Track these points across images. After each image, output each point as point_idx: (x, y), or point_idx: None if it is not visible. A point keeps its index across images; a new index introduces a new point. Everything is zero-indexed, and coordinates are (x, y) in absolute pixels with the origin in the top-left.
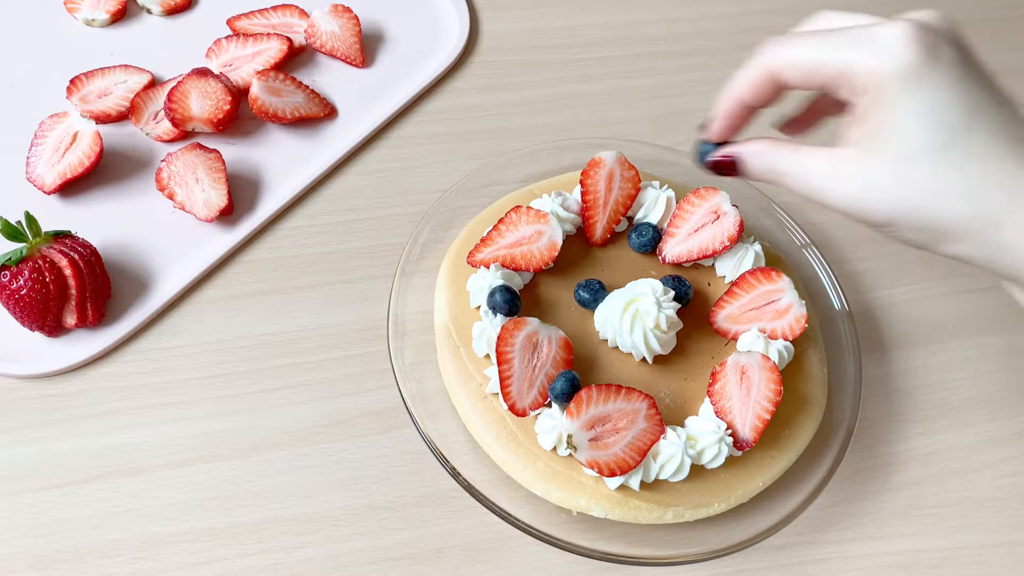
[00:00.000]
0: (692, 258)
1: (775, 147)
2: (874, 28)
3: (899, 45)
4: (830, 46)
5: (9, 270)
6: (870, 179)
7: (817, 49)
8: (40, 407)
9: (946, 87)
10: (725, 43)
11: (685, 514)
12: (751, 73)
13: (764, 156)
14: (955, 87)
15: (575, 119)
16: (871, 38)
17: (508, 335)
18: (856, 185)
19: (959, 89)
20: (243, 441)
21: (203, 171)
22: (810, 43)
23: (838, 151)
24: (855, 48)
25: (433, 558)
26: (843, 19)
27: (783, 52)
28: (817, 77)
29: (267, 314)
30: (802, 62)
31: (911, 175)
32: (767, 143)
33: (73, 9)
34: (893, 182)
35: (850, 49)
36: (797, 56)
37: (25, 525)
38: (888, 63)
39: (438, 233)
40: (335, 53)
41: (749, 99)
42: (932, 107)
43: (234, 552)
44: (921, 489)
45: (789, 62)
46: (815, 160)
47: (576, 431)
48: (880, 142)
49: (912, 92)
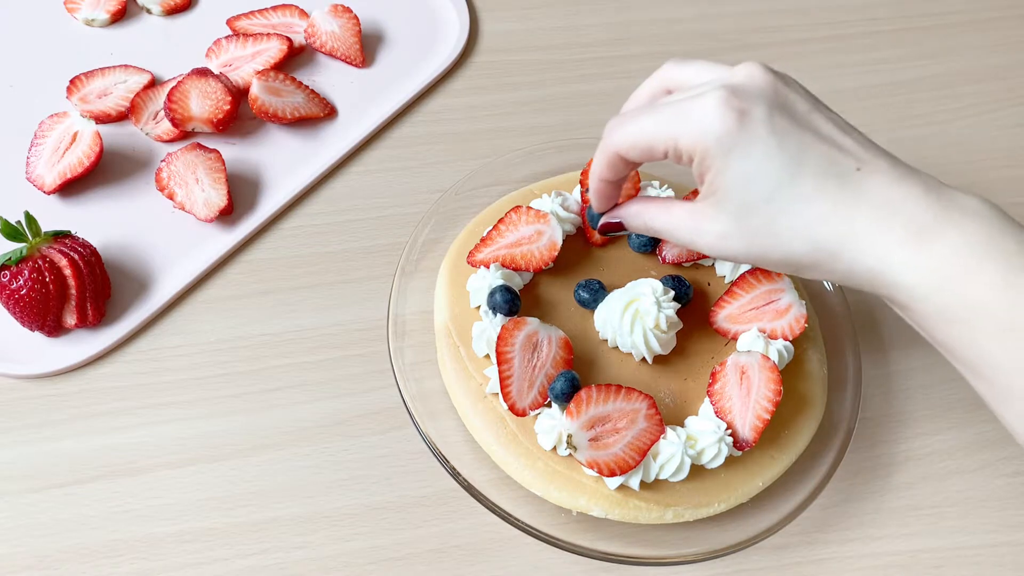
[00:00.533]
0: (692, 258)
1: (647, 207)
2: (690, 102)
3: (711, 116)
4: (657, 124)
5: (9, 270)
6: (722, 232)
7: (647, 130)
8: (40, 407)
9: (760, 145)
10: (725, 43)
11: (685, 514)
12: (602, 156)
13: (640, 216)
14: (769, 144)
15: (575, 119)
16: (688, 113)
17: (508, 335)
18: (713, 238)
19: (773, 145)
20: (243, 441)
21: (203, 171)
22: (641, 124)
23: (695, 207)
24: (677, 125)
25: (433, 558)
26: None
27: (620, 135)
28: (654, 154)
29: (267, 314)
30: (637, 143)
31: (751, 226)
32: (640, 204)
33: (73, 9)
34: (739, 233)
35: (673, 126)
36: (631, 138)
37: (25, 525)
38: (706, 135)
39: (438, 233)
40: (335, 53)
41: (609, 176)
42: (752, 165)
43: (234, 552)
44: (921, 489)
45: (627, 143)
46: (679, 216)
47: (576, 431)
48: (719, 199)
49: (732, 155)
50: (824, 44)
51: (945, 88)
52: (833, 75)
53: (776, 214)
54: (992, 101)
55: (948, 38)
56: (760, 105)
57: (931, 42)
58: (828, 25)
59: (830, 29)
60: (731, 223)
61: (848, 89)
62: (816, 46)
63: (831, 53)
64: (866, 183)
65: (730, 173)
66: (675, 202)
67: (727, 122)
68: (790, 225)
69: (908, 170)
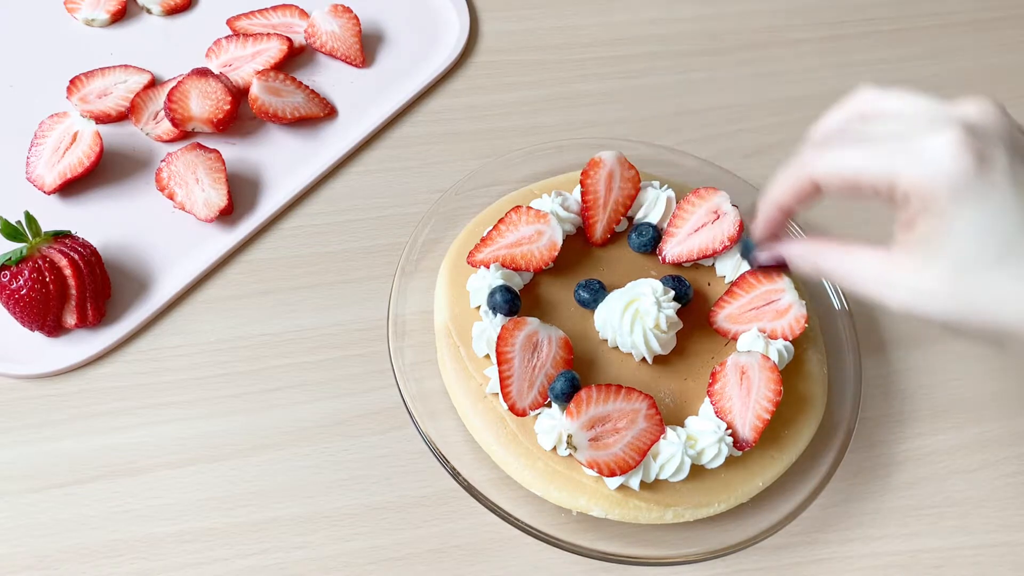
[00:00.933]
0: (692, 258)
1: (821, 249)
2: (919, 137)
3: (947, 157)
4: (875, 157)
5: (9, 270)
6: (926, 288)
7: (860, 161)
8: (40, 407)
9: (999, 197)
10: (725, 43)
11: (685, 514)
12: (792, 181)
13: (810, 259)
14: (1009, 196)
15: (575, 119)
16: (916, 149)
17: (508, 335)
18: (911, 294)
19: (1011, 198)
20: (243, 441)
21: (203, 171)
22: (853, 154)
23: (890, 256)
24: (900, 160)
25: (433, 558)
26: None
27: (825, 163)
28: (860, 189)
29: (267, 314)
30: (843, 173)
31: (968, 286)
32: (813, 243)
33: (73, 9)
34: (950, 291)
35: (895, 161)
36: (838, 167)
37: (25, 525)
38: (936, 176)
39: (438, 233)
40: (335, 53)
41: (791, 205)
42: (985, 219)
43: (234, 552)
44: (921, 489)
45: (831, 172)
46: (866, 264)
47: (576, 431)
48: (933, 251)
49: (964, 204)
50: (824, 44)
51: (945, 88)
52: (833, 75)
53: (1001, 279)
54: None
55: (948, 38)
56: (1001, 150)
57: (931, 42)
58: (828, 25)
59: (830, 29)
60: (941, 280)
61: (848, 89)
62: (816, 46)
63: (831, 53)
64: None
65: (958, 224)
66: (859, 245)
67: (964, 164)
68: (1014, 290)
69: None
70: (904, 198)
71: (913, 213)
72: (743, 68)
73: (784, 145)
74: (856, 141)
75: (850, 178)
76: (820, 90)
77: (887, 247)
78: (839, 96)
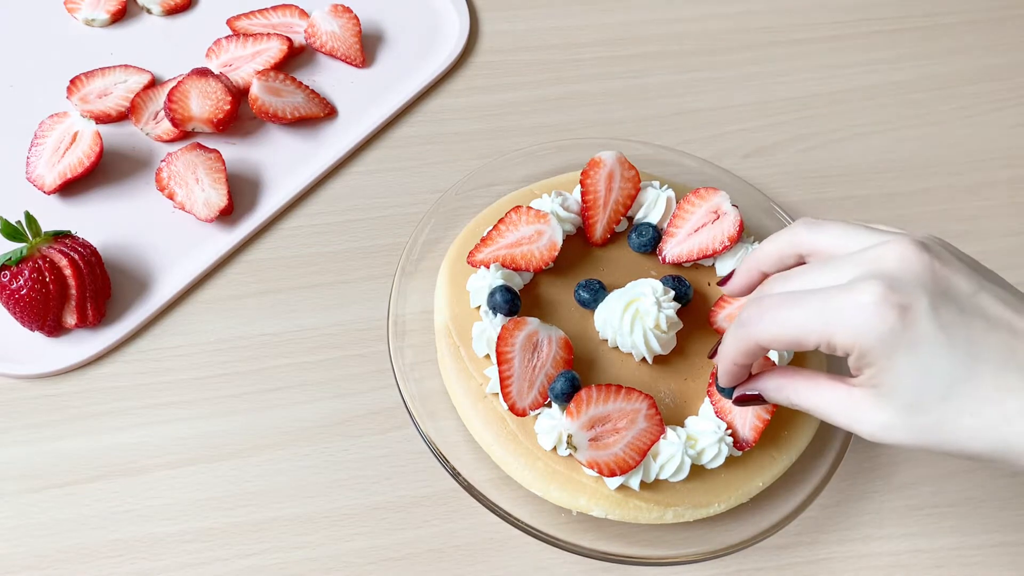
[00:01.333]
0: (692, 258)
1: (791, 381)
2: (842, 296)
3: (869, 314)
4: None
5: (9, 270)
6: (886, 423)
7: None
8: (40, 407)
9: (927, 344)
10: (725, 43)
11: (685, 514)
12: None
13: (782, 391)
14: (937, 342)
15: (575, 119)
16: (841, 308)
17: (508, 335)
18: (875, 427)
19: (941, 343)
20: (243, 441)
21: (203, 171)
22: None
23: (854, 393)
24: (830, 320)
25: (433, 558)
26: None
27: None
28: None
29: (267, 314)
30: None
31: (921, 423)
32: (782, 378)
33: (73, 9)
34: (907, 428)
35: (826, 321)
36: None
37: (25, 525)
38: (865, 334)
39: (438, 233)
40: (335, 53)
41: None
42: (921, 365)
43: (234, 552)
44: (921, 489)
45: (771, 336)
46: (832, 399)
47: (576, 431)
48: (882, 394)
49: (896, 356)
50: (824, 44)
51: (945, 88)
52: (833, 75)
53: (952, 413)
54: (992, 101)
55: (948, 38)
56: (922, 298)
57: (931, 42)
58: (828, 25)
59: (830, 29)
60: (897, 417)
61: (848, 89)
62: (816, 46)
63: (831, 53)
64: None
65: (896, 373)
66: (824, 380)
67: (888, 320)
68: (969, 425)
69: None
70: (844, 353)
71: (858, 364)
72: (743, 68)
73: (784, 145)
74: (789, 302)
75: (790, 340)
76: (820, 90)
77: (849, 383)
78: (840, 96)
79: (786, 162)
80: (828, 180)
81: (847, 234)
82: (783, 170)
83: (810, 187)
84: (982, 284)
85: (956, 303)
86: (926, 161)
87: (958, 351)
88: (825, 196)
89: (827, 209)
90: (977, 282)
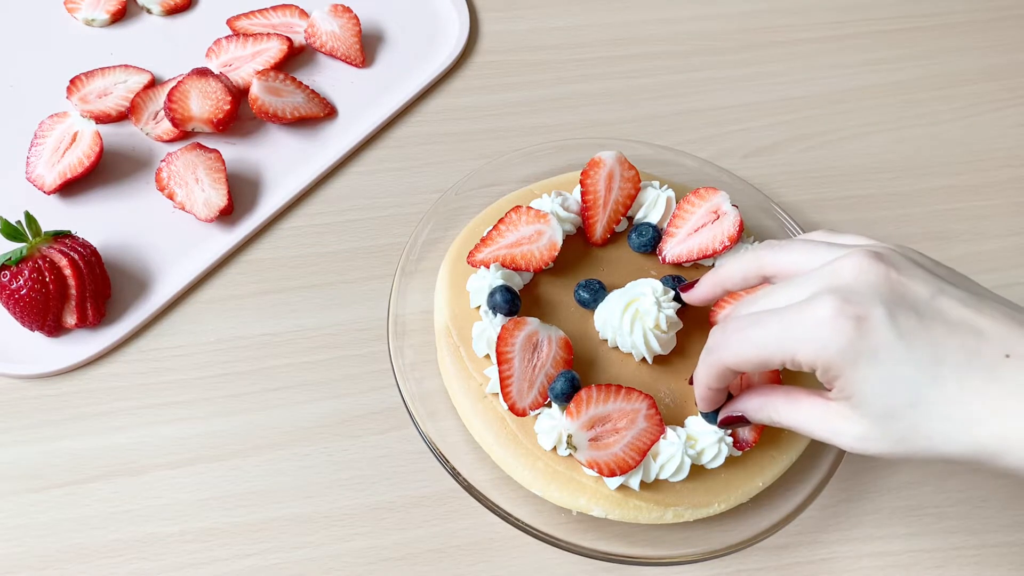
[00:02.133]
0: (692, 258)
1: (770, 400)
2: (799, 313)
3: (826, 329)
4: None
5: (9, 270)
6: (862, 435)
7: (758, 344)
8: (40, 407)
9: (887, 352)
10: (725, 43)
11: (685, 514)
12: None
13: (763, 411)
14: (896, 349)
15: (575, 119)
16: (800, 326)
17: (508, 335)
18: (852, 439)
19: (901, 350)
20: (243, 441)
21: (203, 171)
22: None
23: (829, 407)
24: (791, 339)
25: (433, 558)
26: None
27: (730, 352)
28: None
29: (267, 314)
30: (748, 358)
31: (895, 430)
32: (762, 397)
33: (73, 9)
34: (882, 436)
35: (787, 340)
36: (743, 354)
37: (25, 525)
38: (825, 349)
39: (438, 233)
40: (335, 53)
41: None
42: (884, 374)
43: (234, 552)
44: (921, 489)
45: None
46: (810, 414)
47: (576, 431)
48: (854, 405)
49: (858, 366)
50: (824, 44)
51: (945, 88)
52: (833, 75)
53: (922, 419)
54: (992, 101)
55: (948, 38)
56: (877, 307)
57: (931, 42)
58: (828, 25)
59: (830, 29)
60: (871, 427)
61: (848, 89)
62: (816, 46)
63: (831, 53)
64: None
65: (861, 383)
66: (802, 396)
67: (845, 333)
68: (941, 430)
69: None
70: (810, 368)
71: (826, 378)
72: (743, 68)
73: (784, 145)
74: (752, 323)
75: (756, 361)
76: (820, 90)
77: (825, 397)
78: (840, 96)
79: (786, 162)
80: (828, 180)
81: (808, 252)
82: (783, 170)
83: (810, 187)
84: (941, 287)
85: (914, 309)
86: (926, 161)
87: (919, 356)
88: (825, 196)
89: (827, 209)
90: (936, 286)
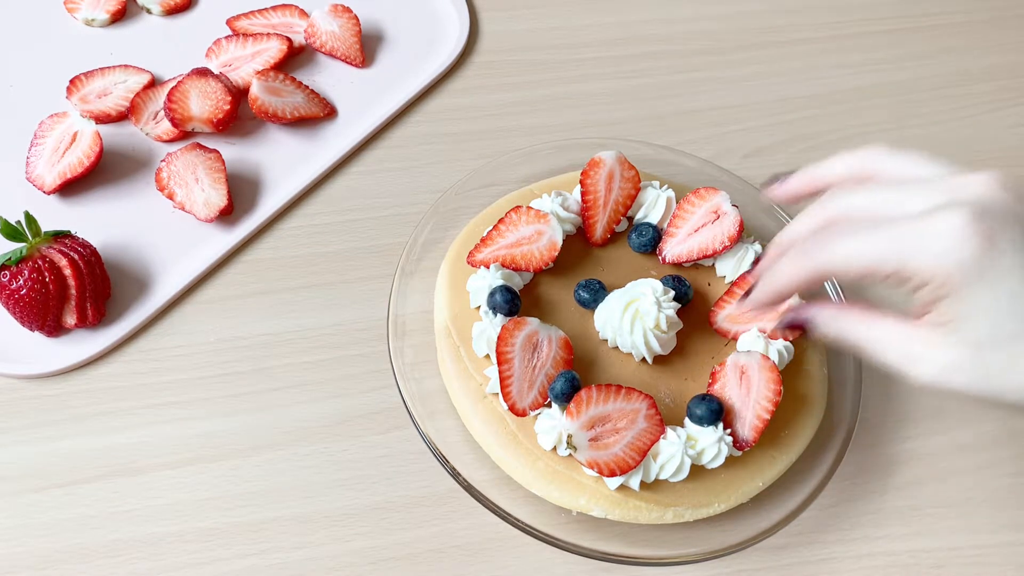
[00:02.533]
0: (692, 258)
1: (845, 315)
2: (924, 220)
3: (954, 239)
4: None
5: (9, 270)
6: (948, 364)
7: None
8: (40, 407)
9: (1010, 278)
10: (724, 43)
11: (685, 514)
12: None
13: (836, 322)
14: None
15: (575, 119)
16: (923, 232)
17: (508, 335)
18: (936, 368)
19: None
20: (243, 441)
21: (203, 171)
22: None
23: (913, 330)
24: (908, 245)
25: (433, 558)
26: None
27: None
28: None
29: (267, 314)
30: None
31: (989, 363)
32: (839, 310)
33: (73, 9)
34: (972, 367)
35: (903, 246)
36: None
37: (25, 525)
38: (946, 260)
39: (438, 233)
40: (335, 53)
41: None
42: (1000, 299)
43: (234, 552)
44: (921, 489)
45: (843, 265)
46: (890, 337)
47: (576, 431)
48: (952, 329)
49: (975, 286)
50: (824, 44)
51: (945, 88)
52: (833, 75)
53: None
54: (992, 101)
55: (948, 38)
56: (1010, 230)
57: (931, 42)
58: (828, 25)
59: (830, 29)
60: (964, 356)
61: (848, 89)
62: (816, 46)
63: (831, 53)
64: None
65: (971, 305)
66: (882, 315)
67: (972, 247)
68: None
69: None
70: (919, 281)
71: (932, 296)
72: (743, 68)
73: (784, 145)
74: (864, 229)
75: (863, 267)
76: (820, 90)
77: (910, 321)
78: (840, 96)
79: (786, 162)
80: None
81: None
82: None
83: None
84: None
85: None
86: None
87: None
88: None
89: None
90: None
